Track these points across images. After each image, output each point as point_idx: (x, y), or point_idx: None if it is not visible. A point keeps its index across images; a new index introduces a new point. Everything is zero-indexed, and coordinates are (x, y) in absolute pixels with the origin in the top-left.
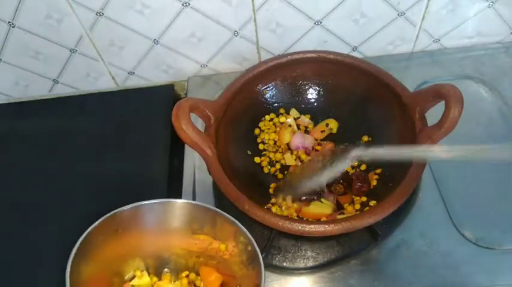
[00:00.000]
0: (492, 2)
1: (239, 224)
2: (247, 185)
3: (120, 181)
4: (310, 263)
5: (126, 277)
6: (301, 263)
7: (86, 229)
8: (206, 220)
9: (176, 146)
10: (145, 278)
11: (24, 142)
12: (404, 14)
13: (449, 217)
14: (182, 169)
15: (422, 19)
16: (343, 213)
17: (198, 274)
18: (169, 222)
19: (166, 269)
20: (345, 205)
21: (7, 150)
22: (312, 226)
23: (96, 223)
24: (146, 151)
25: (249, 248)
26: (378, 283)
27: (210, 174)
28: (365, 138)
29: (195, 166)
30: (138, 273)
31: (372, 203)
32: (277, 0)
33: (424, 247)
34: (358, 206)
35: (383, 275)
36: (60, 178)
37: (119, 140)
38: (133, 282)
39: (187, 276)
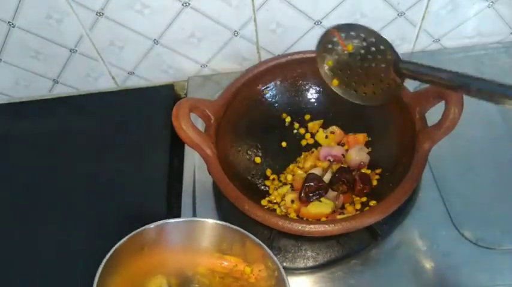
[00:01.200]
0: (492, 2)
1: (267, 248)
2: (247, 185)
3: (120, 181)
4: (310, 263)
5: None
6: (301, 263)
7: (86, 229)
8: (234, 241)
9: (176, 146)
10: None
11: (24, 142)
12: (404, 14)
13: (449, 217)
14: (182, 169)
15: (422, 19)
16: (343, 213)
17: None
18: (196, 241)
19: None
20: (345, 205)
21: (7, 150)
22: (312, 226)
23: (123, 239)
24: (146, 151)
25: (276, 273)
26: (378, 283)
27: (210, 174)
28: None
29: (195, 166)
30: None
31: (372, 203)
32: (277, 0)
33: (424, 247)
34: (358, 206)
35: (383, 275)
36: (60, 178)
37: (119, 140)
38: None
39: None
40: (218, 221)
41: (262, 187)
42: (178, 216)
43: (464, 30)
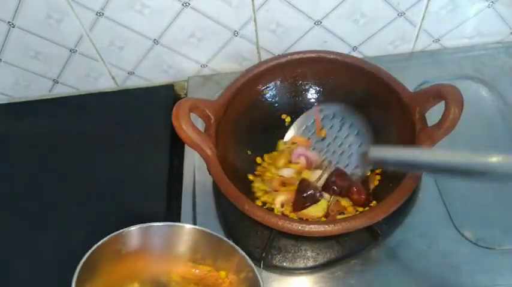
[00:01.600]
0: (492, 2)
1: (242, 252)
2: (247, 185)
3: (120, 181)
4: (310, 263)
5: None
6: (301, 263)
7: (86, 229)
8: (210, 247)
9: (176, 146)
10: None
11: (24, 142)
12: (404, 14)
13: (449, 217)
14: (182, 169)
15: (422, 19)
16: (343, 213)
17: None
18: (174, 246)
19: None
20: (346, 205)
21: (7, 150)
22: (311, 226)
23: (102, 240)
24: (146, 151)
25: (250, 275)
26: (378, 283)
27: (210, 174)
28: None
29: (195, 166)
30: None
31: (372, 203)
32: (277, 0)
33: (424, 247)
34: (360, 208)
35: (383, 275)
36: (60, 178)
37: (119, 140)
38: None
39: None
40: (195, 226)
41: None
42: (179, 216)
43: (464, 30)
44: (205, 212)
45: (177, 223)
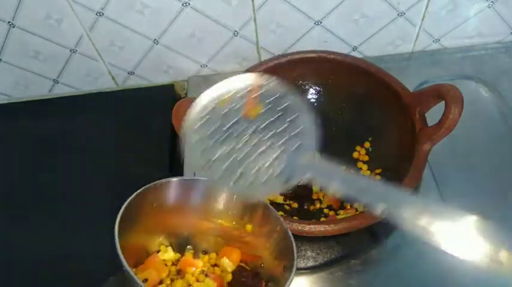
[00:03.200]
0: (492, 2)
1: (277, 213)
2: None
3: (120, 181)
4: (310, 263)
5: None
6: (301, 263)
7: (86, 230)
8: (246, 208)
9: (176, 146)
10: (171, 253)
11: (24, 142)
12: (404, 14)
13: None
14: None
15: (422, 19)
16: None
17: (218, 253)
18: (209, 202)
19: (189, 246)
20: (345, 205)
21: (7, 150)
22: (311, 226)
23: (144, 188)
24: (146, 151)
25: (278, 228)
26: (378, 283)
27: None
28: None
29: None
30: (163, 248)
31: None
32: (277, 0)
33: (424, 247)
34: (360, 207)
35: (383, 275)
36: (59, 178)
37: (119, 140)
38: (159, 256)
39: (207, 254)
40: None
41: None
42: None
43: (464, 30)
44: None
45: (205, 179)
